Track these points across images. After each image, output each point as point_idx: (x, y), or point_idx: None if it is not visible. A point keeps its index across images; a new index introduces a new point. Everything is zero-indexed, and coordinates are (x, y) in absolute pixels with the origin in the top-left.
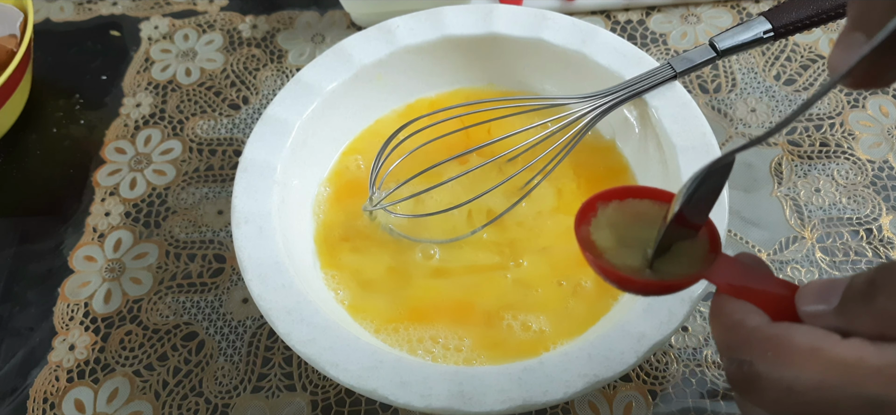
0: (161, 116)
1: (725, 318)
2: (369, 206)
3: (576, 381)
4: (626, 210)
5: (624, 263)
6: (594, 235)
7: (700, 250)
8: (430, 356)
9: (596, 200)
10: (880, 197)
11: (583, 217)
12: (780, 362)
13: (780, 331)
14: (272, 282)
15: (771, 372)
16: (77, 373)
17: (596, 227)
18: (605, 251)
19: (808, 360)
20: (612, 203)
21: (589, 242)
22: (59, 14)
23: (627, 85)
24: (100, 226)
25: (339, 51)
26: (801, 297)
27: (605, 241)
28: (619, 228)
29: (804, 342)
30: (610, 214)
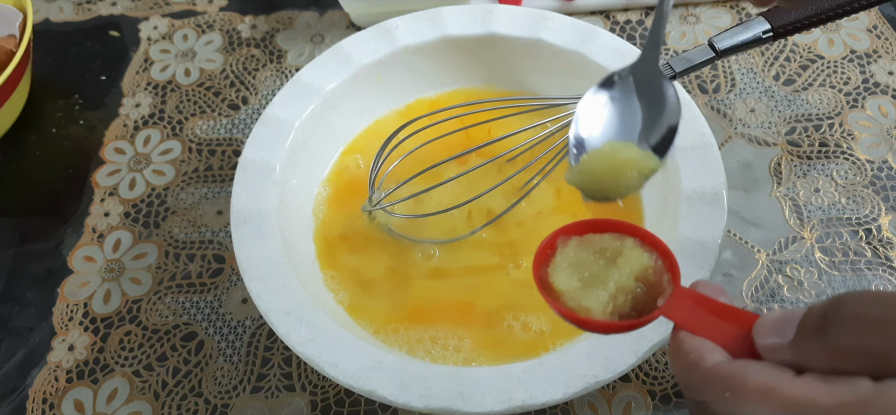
0: (160, 117)
1: (683, 357)
2: (369, 206)
3: (575, 381)
4: (586, 246)
5: (582, 305)
6: (553, 275)
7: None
8: (430, 357)
9: (555, 238)
10: (879, 197)
11: (542, 257)
12: (735, 402)
13: (735, 370)
14: (271, 282)
15: (728, 413)
16: (76, 373)
17: (555, 267)
18: (563, 294)
19: (761, 400)
20: (572, 240)
21: (547, 283)
22: (58, 14)
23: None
24: (99, 226)
25: (338, 51)
26: (758, 330)
27: (564, 282)
28: (578, 266)
29: (758, 383)
30: (569, 253)
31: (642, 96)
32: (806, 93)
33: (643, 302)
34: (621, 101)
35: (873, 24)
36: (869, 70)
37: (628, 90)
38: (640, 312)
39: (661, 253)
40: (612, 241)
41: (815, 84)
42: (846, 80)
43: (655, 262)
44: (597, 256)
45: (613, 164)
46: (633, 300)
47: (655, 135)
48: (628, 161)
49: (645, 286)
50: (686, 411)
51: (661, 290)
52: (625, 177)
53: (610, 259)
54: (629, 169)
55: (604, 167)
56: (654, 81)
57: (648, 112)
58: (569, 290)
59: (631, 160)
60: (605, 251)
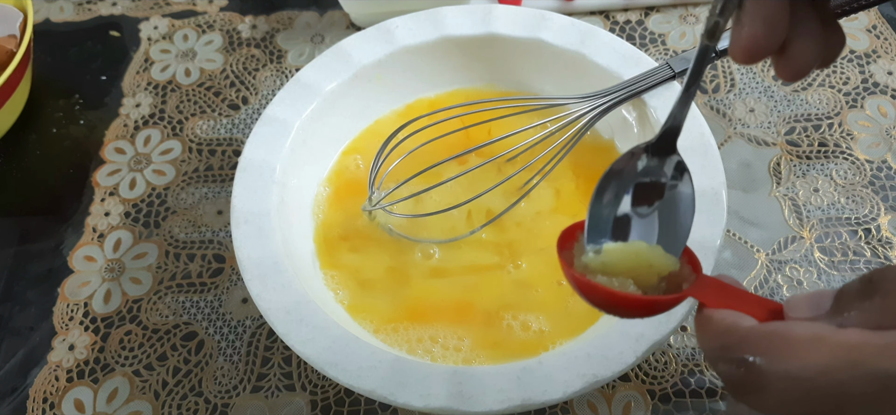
0: (161, 117)
1: (717, 324)
2: (369, 206)
3: (575, 381)
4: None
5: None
6: (577, 255)
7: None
8: (430, 356)
9: (577, 228)
10: (879, 197)
11: (565, 241)
12: (782, 354)
13: (778, 326)
14: (271, 282)
15: (774, 366)
16: (77, 373)
17: (579, 247)
18: (588, 268)
19: (811, 348)
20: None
21: (572, 261)
22: (58, 14)
23: (626, 85)
24: (99, 226)
25: (338, 51)
26: (791, 307)
27: (588, 260)
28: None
29: (805, 332)
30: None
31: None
32: (805, 93)
33: (665, 291)
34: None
35: (873, 24)
36: (868, 70)
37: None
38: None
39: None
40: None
41: (815, 84)
42: (845, 81)
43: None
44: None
45: (636, 264)
46: (654, 291)
47: (675, 234)
48: (651, 267)
49: (666, 283)
50: (686, 411)
51: (682, 279)
52: (643, 278)
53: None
54: (651, 273)
55: (627, 265)
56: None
57: (668, 205)
58: (594, 268)
59: (653, 266)
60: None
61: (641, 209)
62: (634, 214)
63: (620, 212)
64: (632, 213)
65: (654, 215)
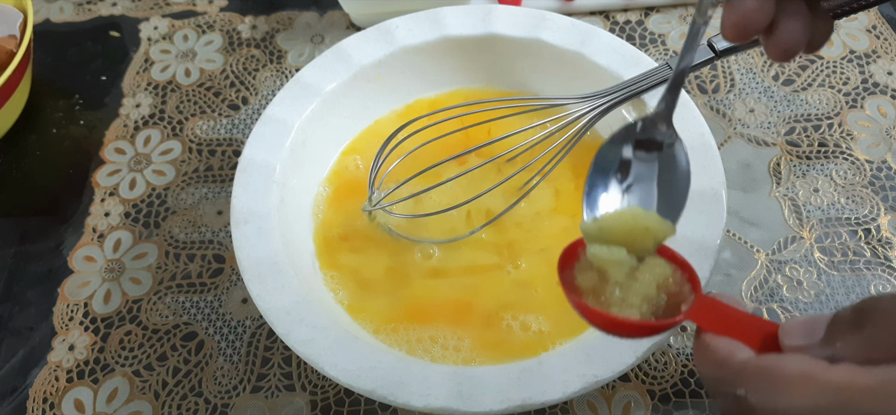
0: (160, 117)
1: (713, 353)
2: (368, 206)
3: (574, 381)
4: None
5: (606, 308)
6: (578, 278)
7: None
8: (429, 356)
9: (578, 245)
10: (878, 197)
11: (566, 261)
12: (773, 391)
13: (770, 362)
14: (271, 282)
15: (765, 402)
16: (77, 373)
17: (579, 269)
18: (587, 294)
19: (800, 386)
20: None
21: (573, 285)
22: (58, 15)
23: (626, 85)
24: (99, 226)
25: (338, 51)
26: (786, 333)
27: (588, 283)
28: (603, 271)
29: (795, 370)
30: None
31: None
32: (805, 93)
33: (665, 312)
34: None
35: (872, 24)
36: (868, 70)
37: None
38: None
39: (680, 265)
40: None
41: (815, 84)
42: (845, 81)
43: (674, 272)
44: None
45: (633, 228)
46: (655, 309)
47: (670, 201)
48: (647, 230)
49: (666, 296)
50: (686, 411)
51: (681, 298)
52: (640, 242)
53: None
54: (647, 237)
55: (623, 230)
56: (671, 142)
57: (664, 175)
58: (594, 290)
59: (650, 229)
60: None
61: (639, 179)
62: (632, 184)
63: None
64: (629, 182)
65: (651, 184)
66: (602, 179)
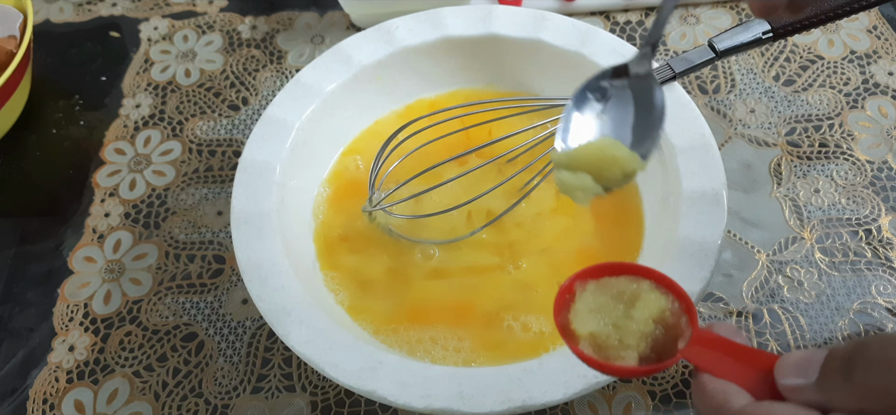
0: (160, 117)
1: (709, 399)
2: (369, 206)
3: (575, 381)
4: (604, 290)
5: (604, 351)
6: (574, 322)
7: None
8: (430, 357)
9: (573, 283)
10: (879, 198)
11: (561, 302)
12: None
13: (762, 412)
14: (271, 283)
15: None
16: (77, 374)
17: (575, 312)
18: (582, 339)
19: None
20: (589, 284)
21: (569, 329)
22: (58, 15)
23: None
24: (99, 227)
25: (338, 52)
26: (781, 370)
27: (584, 326)
28: (598, 311)
29: None
30: (587, 298)
31: (635, 96)
32: (806, 93)
33: (662, 344)
34: (616, 98)
35: (873, 24)
36: (869, 71)
37: (623, 87)
38: (660, 353)
39: (677, 295)
40: (628, 284)
41: (815, 85)
42: (846, 81)
43: (672, 304)
44: (615, 300)
45: (601, 158)
46: (652, 342)
47: (642, 138)
48: (615, 159)
49: (663, 328)
50: (686, 412)
51: (679, 331)
52: (608, 172)
53: (628, 303)
54: (615, 166)
55: (592, 159)
56: (647, 82)
57: (639, 113)
58: (591, 336)
59: (617, 158)
60: (622, 295)
61: (613, 115)
62: (606, 119)
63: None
64: (604, 118)
65: (626, 121)
66: (578, 113)
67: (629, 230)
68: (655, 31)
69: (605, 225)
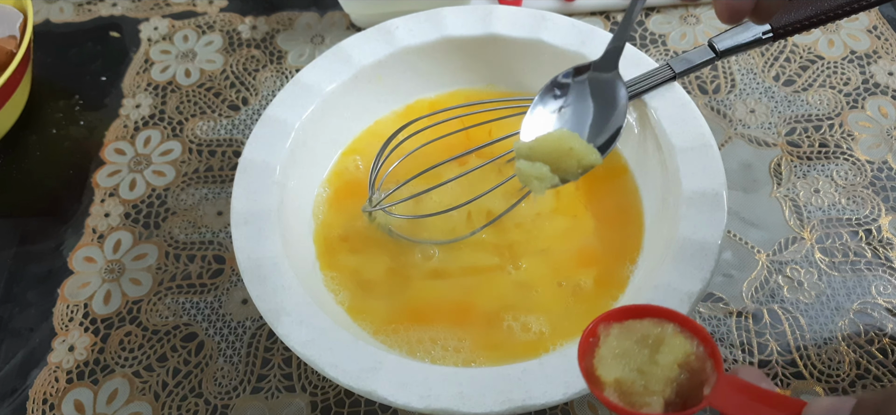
0: (161, 117)
1: None
2: (369, 207)
3: (575, 382)
4: (627, 334)
5: (629, 398)
6: (599, 368)
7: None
8: (430, 357)
9: (596, 326)
10: (879, 198)
11: (585, 346)
12: None
13: None
14: (271, 283)
15: None
16: (76, 374)
17: (599, 358)
18: (607, 386)
19: None
20: (613, 327)
21: (594, 375)
22: (58, 15)
23: (627, 86)
24: (99, 227)
25: (338, 52)
26: None
27: (609, 373)
28: (621, 356)
29: None
30: (612, 342)
31: (599, 93)
32: (806, 93)
33: (687, 389)
34: (578, 95)
35: (873, 24)
36: (869, 71)
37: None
38: (685, 398)
39: (702, 339)
40: (652, 327)
41: (815, 85)
42: (846, 81)
43: (697, 347)
44: (640, 345)
45: (559, 149)
46: (677, 387)
47: (602, 134)
48: (571, 150)
49: (688, 373)
50: None
51: (704, 376)
52: (565, 163)
53: (653, 347)
54: (570, 157)
55: (549, 150)
56: (613, 82)
57: (601, 111)
58: (616, 382)
59: (574, 150)
60: (647, 339)
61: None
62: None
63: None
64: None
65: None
66: (542, 108)
67: (629, 230)
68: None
69: (605, 225)
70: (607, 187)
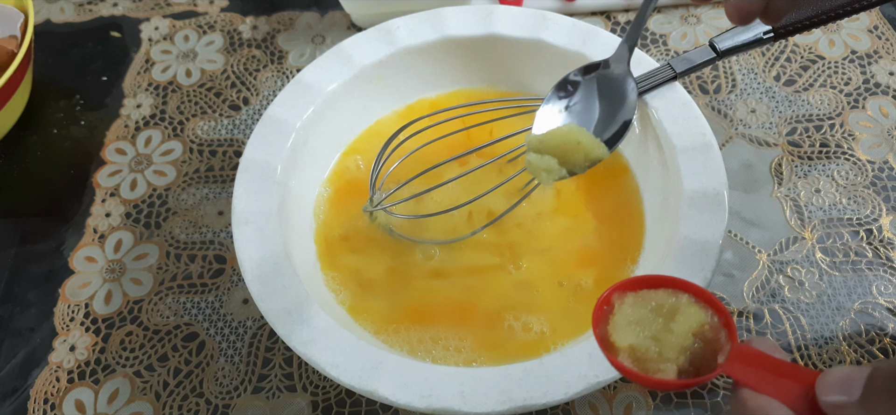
0: (161, 117)
1: (751, 413)
2: (369, 206)
3: (576, 382)
4: (642, 303)
5: (643, 363)
6: (613, 334)
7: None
8: (431, 357)
9: (611, 294)
10: (880, 198)
11: (599, 314)
12: None
13: None
14: (272, 283)
15: None
16: (78, 374)
17: (614, 325)
18: (621, 351)
19: None
20: (628, 296)
21: (608, 341)
22: (59, 15)
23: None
24: (100, 227)
25: (339, 52)
26: (823, 386)
27: (623, 339)
28: (636, 323)
29: None
30: (626, 310)
31: (610, 91)
32: (807, 93)
33: (701, 358)
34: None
35: (874, 24)
36: (870, 71)
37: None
38: (698, 367)
39: (716, 309)
40: (667, 297)
41: (816, 85)
42: (847, 81)
43: (711, 318)
44: (654, 313)
45: (566, 142)
46: (691, 356)
47: (610, 129)
48: (578, 144)
49: (702, 343)
50: (687, 412)
51: (718, 346)
52: (573, 156)
53: (667, 316)
54: (578, 151)
55: (558, 143)
56: (621, 77)
57: (610, 108)
58: (630, 348)
59: (581, 143)
60: (661, 308)
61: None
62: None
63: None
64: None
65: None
66: (554, 104)
67: (630, 230)
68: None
69: (606, 225)
70: (608, 187)
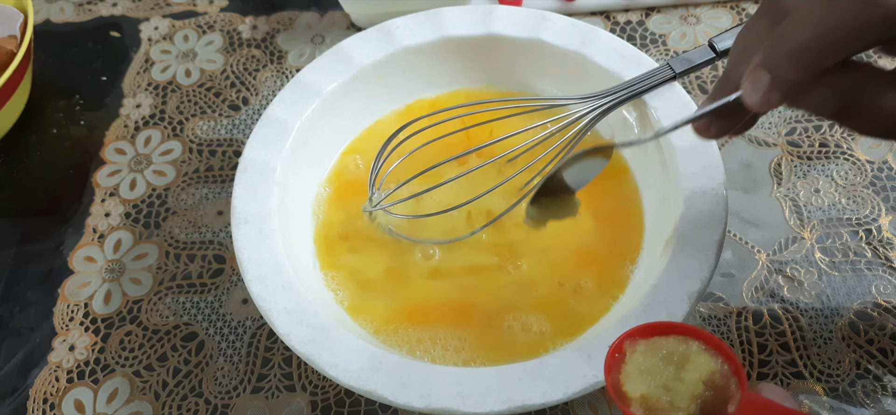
0: (161, 117)
1: None
2: (369, 206)
3: (575, 382)
4: (653, 351)
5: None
6: (625, 383)
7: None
8: (430, 357)
9: (622, 342)
10: (879, 198)
11: (611, 361)
12: None
13: None
14: (272, 282)
15: None
16: (77, 373)
17: (626, 374)
18: (634, 402)
19: None
20: (639, 344)
21: (620, 391)
22: (59, 15)
23: (627, 86)
24: (100, 226)
25: (338, 51)
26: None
27: (636, 389)
28: (647, 372)
29: None
30: (638, 359)
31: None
32: None
33: (711, 405)
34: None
35: None
36: None
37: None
38: None
39: (726, 357)
40: (678, 344)
41: None
42: None
43: (721, 366)
44: (665, 361)
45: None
46: (701, 404)
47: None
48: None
49: (712, 391)
50: None
51: (728, 394)
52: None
53: (678, 364)
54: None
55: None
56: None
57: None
58: (642, 399)
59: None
60: (672, 356)
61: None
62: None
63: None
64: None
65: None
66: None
67: (629, 230)
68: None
69: (605, 225)
70: (607, 187)
